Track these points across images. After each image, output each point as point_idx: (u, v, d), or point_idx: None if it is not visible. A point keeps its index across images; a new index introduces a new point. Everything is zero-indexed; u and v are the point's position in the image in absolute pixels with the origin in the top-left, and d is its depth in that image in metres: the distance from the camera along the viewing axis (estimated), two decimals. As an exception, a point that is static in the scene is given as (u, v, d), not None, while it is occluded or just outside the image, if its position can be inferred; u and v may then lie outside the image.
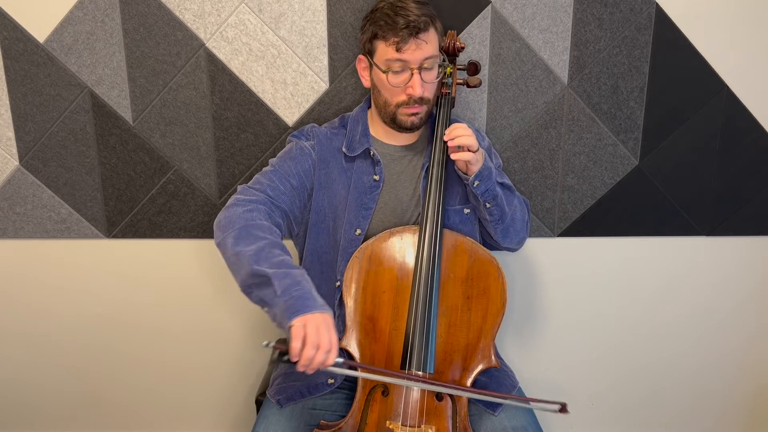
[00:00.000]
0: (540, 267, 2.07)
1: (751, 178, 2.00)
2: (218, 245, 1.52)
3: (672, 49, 1.89)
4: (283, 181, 1.61)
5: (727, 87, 1.92)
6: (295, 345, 1.28)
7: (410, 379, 1.49)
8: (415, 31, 1.50)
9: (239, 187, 1.62)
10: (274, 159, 1.68)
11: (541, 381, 2.17)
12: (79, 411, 2.19)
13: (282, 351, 1.30)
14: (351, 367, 1.46)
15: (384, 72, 1.55)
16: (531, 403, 1.52)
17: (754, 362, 2.18)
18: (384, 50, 1.54)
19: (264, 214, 1.53)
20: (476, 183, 1.56)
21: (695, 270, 2.08)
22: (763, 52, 1.90)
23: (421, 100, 1.57)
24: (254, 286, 1.42)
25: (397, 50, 1.51)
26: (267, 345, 1.30)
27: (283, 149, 1.71)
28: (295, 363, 1.31)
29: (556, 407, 1.46)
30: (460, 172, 1.59)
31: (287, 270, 1.38)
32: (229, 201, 1.57)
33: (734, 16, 1.87)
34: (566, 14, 1.86)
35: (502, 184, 1.64)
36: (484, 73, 1.89)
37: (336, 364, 1.33)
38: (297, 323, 1.30)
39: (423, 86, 1.55)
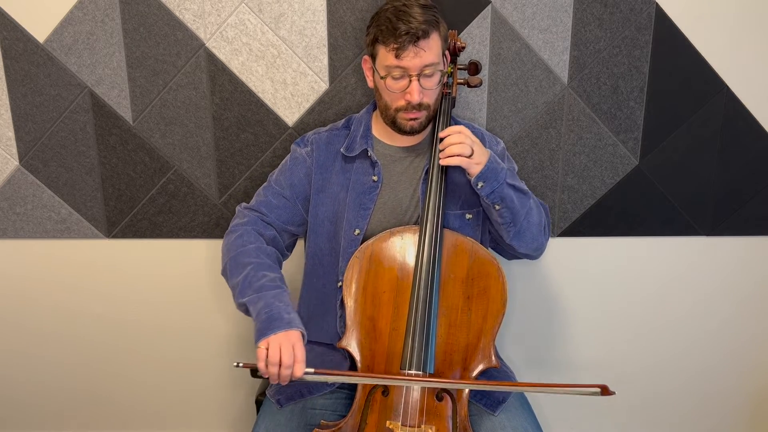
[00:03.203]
0: (540, 267, 2.07)
1: (751, 178, 2.00)
2: (222, 275, 1.65)
3: (672, 49, 1.89)
4: (276, 196, 1.69)
5: (727, 87, 1.92)
6: (259, 365, 1.41)
7: (397, 380, 1.51)
8: (414, 38, 1.48)
9: (237, 209, 1.74)
10: (274, 171, 1.75)
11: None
12: (79, 411, 2.19)
13: (253, 369, 1.42)
14: (329, 375, 1.53)
15: (382, 78, 1.54)
16: (569, 389, 1.42)
17: (755, 362, 2.18)
18: (384, 55, 1.52)
19: (253, 236, 1.65)
20: (480, 184, 1.54)
21: (695, 270, 2.08)
22: (763, 52, 1.90)
23: (420, 106, 1.55)
24: (245, 312, 1.55)
25: (396, 57, 1.50)
26: (237, 365, 1.41)
27: (284, 159, 1.76)
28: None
29: (597, 390, 1.37)
30: (466, 175, 1.57)
31: (261, 293, 1.50)
32: (230, 225, 1.71)
33: (734, 16, 1.87)
34: (566, 14, 1.86)
35: (513, 186, 1.59)
36: (484, 73, 1.89)
37: (307, 373, 1.42)
38: (261, 345, 1.41)
39: (422, 93, 1.54)
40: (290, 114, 1.91)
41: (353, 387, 1.64)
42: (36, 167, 1.93)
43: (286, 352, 1.39)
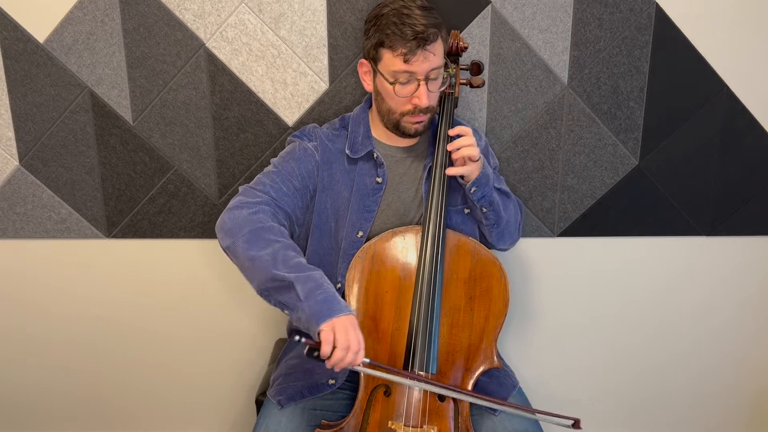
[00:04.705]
0: (540, 267, 2.08)
1: (751, 178, 2.01)
2: (227, 249, 1.52)
3: (672, 49, 1.89)
4: (285, 183, 1.60)
5: (727, 87, 1.93)
6: (325, 349, 1.34)
7: (428, 383, 1.48)
8: (423, 42, 1.47)
9: (241, 188, 1.61)
10: (276, 159, 1.67)
11: (541, 381, 2.17)
12: (79, 411, 2.19)
13: (312, 347, 1.34)
14: (377, 368, 1.46)
15: (391, 84, 1.53)
16: (541, 415, 1.53)
17: (755, 362, 2.19)
18: (391, 60, 1.51)
19: (270, 216, 1.53)
20: (473, 189, 1.57)
21: (695, 270, 2.09)
22: (763, 52, 1.90)
23: (426, 109, 1.56)
24: (273, 290, 1.44)
25: (405, 61, 1.49)
26: (299, 341, 1.33)
27: (285, 149, 1.70)
28: (324, 360, 1.36)
29: (569, 422, 1.48)
30: (459, 179, 1.59)
31: (307, 273, 1.41)
32: (232, 202, 1.57)
33: (734, 16, 1.87)
34: (566, 14, 1.86)
35: (499, 190, 1.65)
36: (484, 73, 1.89)
37: (362, 364, 1.38)
38: (326, 327, 1.34)
39: (429, 96, 1.54)
40: (290, 114, 1.91)
41: (355, 387, 1.63)
42: (36, 167, 1.93)
43: (354, 337, 1.35)
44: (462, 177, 1.58)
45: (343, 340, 1.34)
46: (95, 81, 1.86)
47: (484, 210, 1.62)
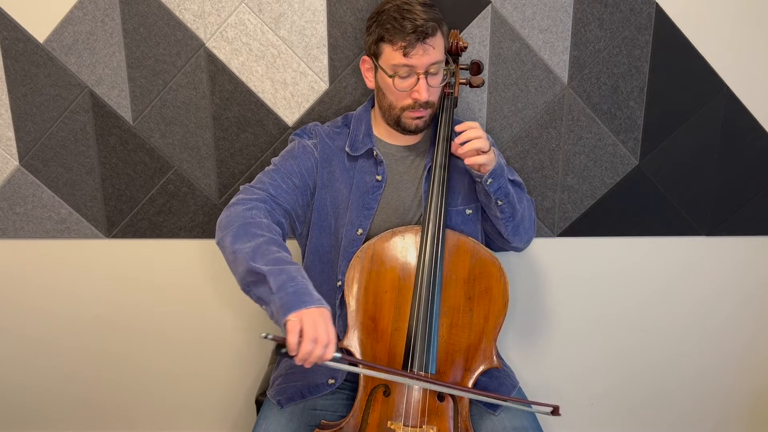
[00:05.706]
0: (540, 267, 2.08)
1: (751, 178, 2.00)
2: (218, 244, 1.52)
3: (672, 49, 1.89)
4: (285, 180, 1.61)
5: (727, 87, 1.93)
6: (291, 339, 1.28)
7: (409, 377, 1.48)
8: (422, 36, 1.49)
9: (242, 187, 1.62)
10: (277, 158, 1.68)
11: (541, 381, 2.17)
12: (79, 411, 2.19)
13: (281, 343, 1.29)
14: (351, 363, 1.44)
15: (390, 77, 1.54)
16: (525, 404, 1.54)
17: (755, 362, 2.19)
18: (391, 54, 1.53)
19: (264, 212, 1.53)
20: (489, 181, 1.56)
21: (695, 270, 2.09)
22: (763, 52, 1.90)
23: (426, 104, 1.56)
24: (251, 284, 1.42)
25: (405, 55, 1.50)
26: (266, 337, 1.28)
27: (286, 148, 1.71)
28: (294, 356, 1.30)
29: (548, 409, 1.49)
30: (473, 171, 1.58)
31: (282, 266, 1.37)
32: (231, 200, 1.57)
33: (734, 16, 1.87)
34: (566, 14, 1.86)
35: (513, 182, 1.65)
36: (484, 73, 1.89)
37: (334, 359, 1.33)
38: (293, 318, 1.29)
39: (429, 91, 1.55)
40: (290, 114, 1.91)
41: (354, 387, 1.64)
42: (36, 167, 1.93)
43: (323, 328, 1.29)
44: (478, 170, 1.57)
45: (310, 331, 1.28)
46: (95, 81, 1.86)
47: (500, 203, 1.60)
